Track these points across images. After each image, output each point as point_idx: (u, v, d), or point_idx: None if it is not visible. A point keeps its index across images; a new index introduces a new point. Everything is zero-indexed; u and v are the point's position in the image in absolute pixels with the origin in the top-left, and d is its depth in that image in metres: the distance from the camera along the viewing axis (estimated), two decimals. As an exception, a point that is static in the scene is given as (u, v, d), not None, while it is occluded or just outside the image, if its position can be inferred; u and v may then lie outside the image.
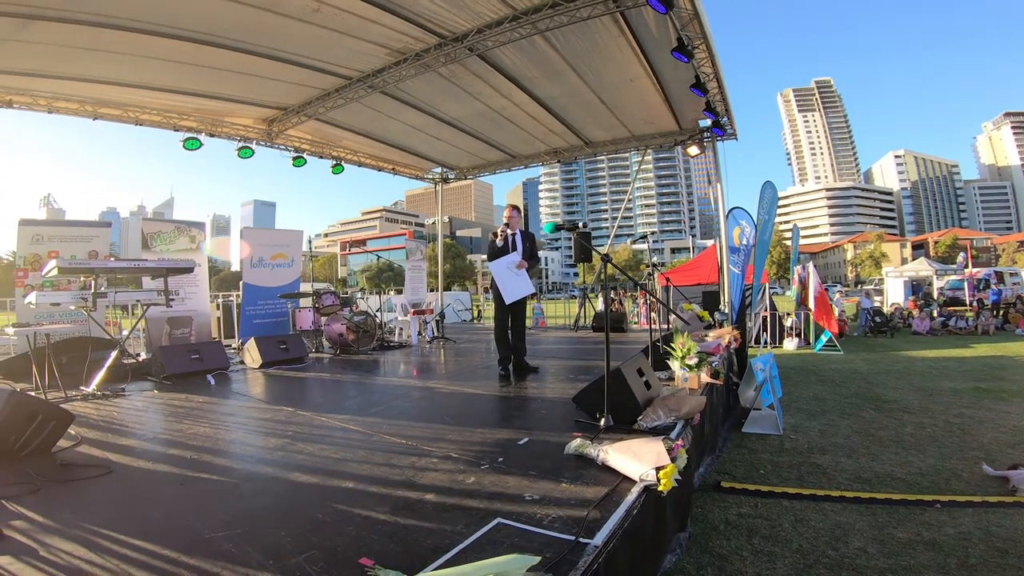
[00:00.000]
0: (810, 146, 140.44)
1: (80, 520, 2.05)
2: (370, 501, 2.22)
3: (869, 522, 3.19)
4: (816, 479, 3.95)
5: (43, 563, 1.71)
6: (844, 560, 2.74)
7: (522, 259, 5.29)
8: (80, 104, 7.36)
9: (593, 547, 1.73)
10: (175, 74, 6.83)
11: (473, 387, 5.07)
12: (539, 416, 3.86)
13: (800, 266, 14.12)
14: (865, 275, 62.71)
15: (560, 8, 5.71)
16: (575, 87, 7.82)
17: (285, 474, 2.61)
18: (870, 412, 6.01)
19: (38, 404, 2.90)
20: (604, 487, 2.22)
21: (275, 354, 6.51)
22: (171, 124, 8.24)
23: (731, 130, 8.44)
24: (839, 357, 10.47)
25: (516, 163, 11.68)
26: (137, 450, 3.10)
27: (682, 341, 4.03)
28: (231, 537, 1.90)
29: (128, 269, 4.82)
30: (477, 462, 2.69)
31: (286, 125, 8.95)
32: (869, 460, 4.36)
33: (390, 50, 6.76)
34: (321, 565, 1.68)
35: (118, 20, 5.43)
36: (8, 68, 6.21)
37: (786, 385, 7.11)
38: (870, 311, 14.87)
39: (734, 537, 2.99)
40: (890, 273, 23.16)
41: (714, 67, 6.52)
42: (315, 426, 3.67)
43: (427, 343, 9.06)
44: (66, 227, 7.01)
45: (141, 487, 2.51)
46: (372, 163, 11.29)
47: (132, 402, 4.48)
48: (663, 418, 2.98)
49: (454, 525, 1.95)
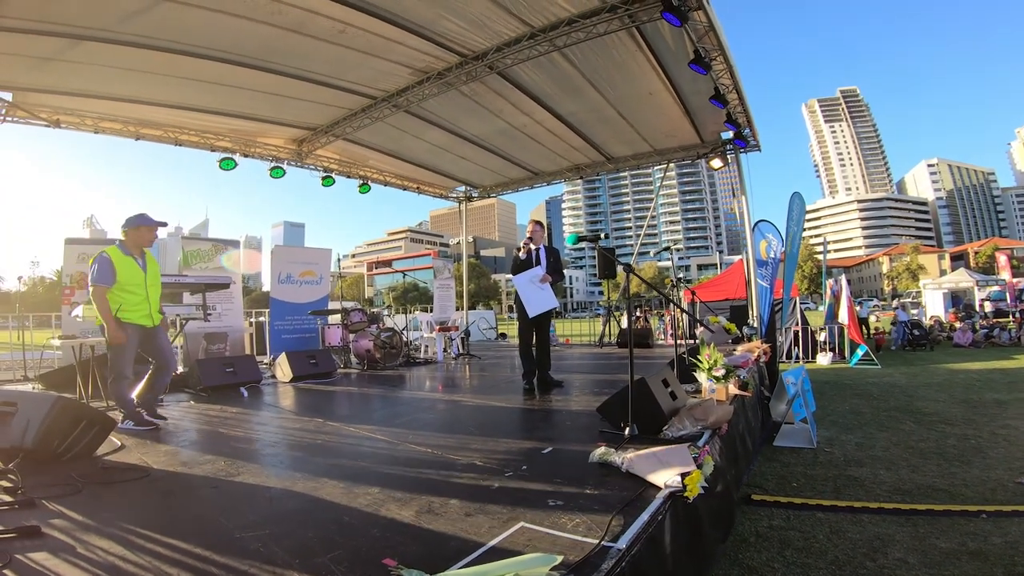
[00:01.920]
0: (839, 157, 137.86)
1: (117, 519, 2.12)
2: (394, 505, 2.24)
3: (910, 533, 3.06)
4: (853, 491, 3.81)
5: (79, 559, 1.77)
6: (883, 571, 2.65)
7: (545, 273, 5.32)
8: (124, 124, 7.75)
9: (616, 550, 1.71)
10: (210, 95, 7.17)
11: (498, 400, 5.08)
12: (563, 427, 3.85)
13: (832, 280, 13.79)
14: (902, 288, 60.69)
15: (576, 25, 5.82)
16: (594, 102, 7.90)
17: (313, 479, 2.66)
18: (910, 424, 5.79)
19: (82, 409, 3.04)
20: (628, 493, 2.20)
21: (305, 368, 6.65)
22: (208, 144, 8.61)
23: (754, 141, 8.38)
24: (876, 371, 10.12)
25: (538, 180, 11.79)
26: (174, 456, 3.21)
27: (709, 353, 3.98)
28: (259, 537, 1.94)
29: (168, 284, 5.04)
30: (501, 470, 2.70)
31: (315, 145, 9.26)
32: (909, 472, 4.19)
33: (413, 69, 6.97)
34: (346, 564, 1.70)
35: (158, 41, 5.74)
36: (56, 87, 6.58)
37: (820, 399, 6.89)
38: (907, 324, 14.38)
39: (765, 549, 2.90)
40: (928, 285, 22.41)
41: (733, 78, 6.53)
42: (343, 436, 3.74)
43: (452, 359, 9.12)
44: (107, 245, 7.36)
45: (176, 490, 2.59)
46: (397, 182, 11.55)
47: (170, 412, 4.63)
48: (689, 427, 2.94)
49: (477, 528, 1.95)
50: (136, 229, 4.08)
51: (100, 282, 3.81)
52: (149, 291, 4.08)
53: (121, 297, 3.92)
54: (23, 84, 6.42)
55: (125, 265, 3.94)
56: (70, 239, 6.95)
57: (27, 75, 6.16)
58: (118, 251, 3.98)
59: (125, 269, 3.93)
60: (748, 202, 8.74)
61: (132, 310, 3.96)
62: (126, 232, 4.08)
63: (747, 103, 7.28)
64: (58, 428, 2.81)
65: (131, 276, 3.97)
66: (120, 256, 3.95)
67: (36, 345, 8.54)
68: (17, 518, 2.11)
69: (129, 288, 3.95)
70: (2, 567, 1.67)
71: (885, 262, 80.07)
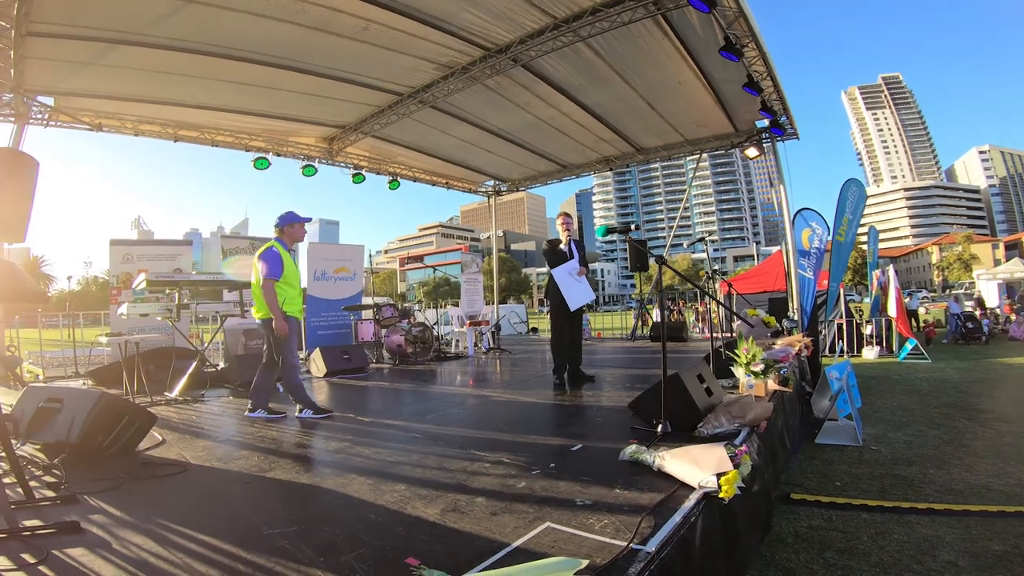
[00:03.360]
0: (883, 145, 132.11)
1: (153, 515, 2.17)
2: (420, 503, 2.23)
3: (961, 535, 2.90)
4: (900, 491, 3.62)
5: (114, 555, 1.82)
6: (930, 574, 2.52)
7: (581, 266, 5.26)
8: (162, 127, 8.00)
9: (645, 554, 1.64)
10: (242, 95, 7.34)
11: (528, 395, 5.05)
12: (594, 423, 3.78)
13: (879, 270, 13.17)
14: (953, 279, 57.73)
15: (600, 14, 5.70)
16: (622, 93, 7.74)
17: (341, 475, 2.68)
18: (963, 422, 5.48)
19: (125, 405, 3.16)
20: (660, 493, 2.12)
21: (339, 364, 6.76)
22: (242, 144, 8.83)
23: (791, 129, 8.06)
24: (927, 366, 9.62)
25: (567, 173, 11.66)
26: (211, 451, 3.29)
27: (747, 347, 3.83)
28: (287, 534, 1.95)
29: (206, 282, 5.22)
30: (529, 467, 2.66)
31: (345, 143, 9.39)
32: (962, 471, 3.96)
33: (437, 64, 6.97)
34: (369, 563, 1.69)
35: (187, 43, 5.90)
36: (96, 91, 6.86)
37: (866, 395, 6.60)
38: (960, 316, 13.63)
39: (803, 550, 2.78)
40: (982, 275, 21.18)
41: (766, 64, 6.29)
42: (373, 430, 3.78)
43: (483, 354, 9.13)
44: (152, 246, 7.71)
45: (211, 485, 2.65)
46: (426, 178, 11.62)
47: (210, 407, 4.80)
48: (726, 425, 2.83)
49: (502, 528, 1.92)
50: (291, 226, 4.28)
51: (272, 276, 4.01)
52: (297, 286, 4.30)
53: (284, 291, 4.13)
54: (64, 89, 6.69)
55: (288, 261, 4.16)
56: (115, 240, 7.26)
57: (67, 80, 6.43)
58: (280, 247, 4.17)
59: (288, 264, 4.15)
60: (786, 191, 8.41)
61: (292, 303, 4.19)
62: (282, 230, 4.27)
63: (783, 90, 7.01)
64: (102, 424, 2.92)
65: (292, 271, 4.21)
66: (285, 253, 4.16)
67: (86, 342, 8.97)
68: (59, 513, 2.18)
69: (291, 282, 4.17)
70: (38, 563, 1.72)
71: (935, 252, 76.28)
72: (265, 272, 4.01)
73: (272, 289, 4.01)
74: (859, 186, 9.31)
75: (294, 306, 4.20)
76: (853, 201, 9.18)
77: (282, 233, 4.27)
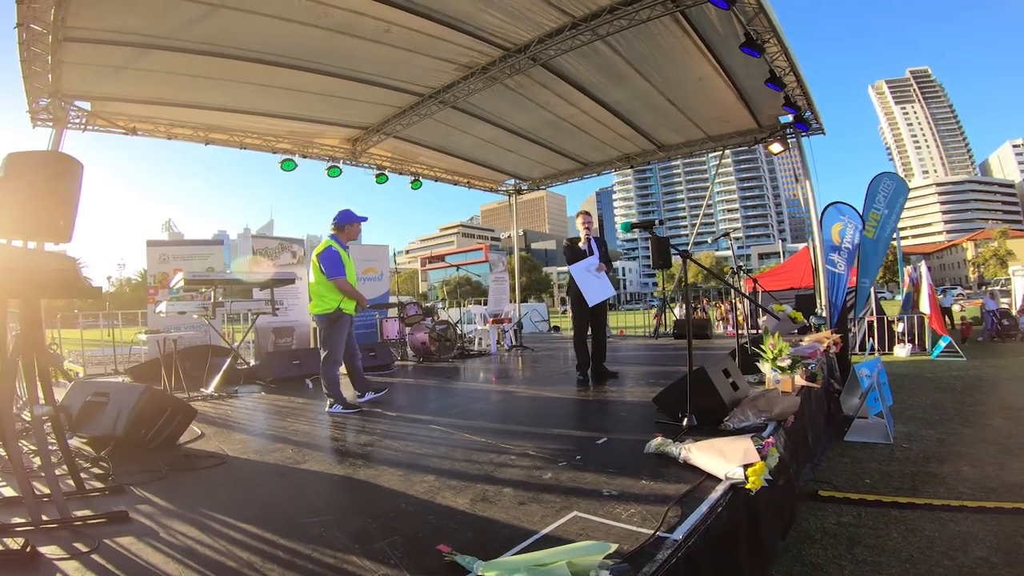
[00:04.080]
0: (913, 139, 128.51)
1: (196, 505, 2.27)
2: (450, 493, 2.29)
3: (994, 532, 2.85)
4: (932, 489, 3.56)
5: (162, 544, 1.91)
6: (962, 570, 2.49)
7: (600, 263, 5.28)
8: (194, 130, 8.23)
9: (672, 541, 1.68)
10: (269, 98, 7.50)
11: (551, 391, 5.09)
12: (618, 418, 3.81)
13: (911, 267, 12.83)
14: (989, 275, 55.80)
15: (618, 12, 5.69)
16: (642, 90, 7.70)
17: (372, 467, 2.76)
18: (998, 420, 5.32)
19: (167, 399, 3.30)
20: (686, 484, 2.15)
21: (365, 361, 6.85)
22: (270, 147, 9.03)
23: (817, 124, 7.91)
24: (961, 364, 9.35)
25: (588, 171, 11.63)
26: (247, 444, 3.41)
27: (773, 342, 3.81)
28: (322, 523, 2.03)
29: (240, 280, 5.43)
30: (554, 459, 2.70)
31: (368, 144, 9.54)
32: (996, 469, 3.87)
33: (457, 65, 7.04)
34: (402, 550, 1.76)
35: (216, 47, 6.06)
36: (131, 96, 7.06)
37: (898, 393, 6.45)
38: (996, 313, 13.19)
39: (831, 546, 2.76)
40: (1018, 272, 20.43)
41: (789, 59, 6.20)
42: (400, 425, 3.86)
43: (506, 351, 9.19)
44: (186, 246, 7.99)
45: (248, 476, 2.76)
46: (448, 177, 11.72)
47: (244, 402, 4.97)
48: (752, 419, 2.82)
49: (530, 517, 1.97)
50: (350, 225, 4.50)
51: (338, 274, 4.27)
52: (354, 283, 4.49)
53: None
54: (99, 94, 6.90)
55: (346, 259, 4.39)
56: (151, 241, 7.54)
57: (102, 85, 6.62)
58: (337, 245, 4.39)
59: (347, 262, 4.39)
60: (812, 187, 8.26)
61: (348, 301, 4.39)
62: (341, 228, 4.48)
63: (806, 85, 6.88)
64: (145, 417, 3.05)
65: (349, 268, 4.42)
66: (341, 250, 4.39)
67: (125, 341, 9.32)
68: (108, 504, 2.30)
69: (348, 279, 4.37)
70: (91, 551, 1.81)
71: (970, 248, 73.81)
72: (329, 272, 4.24)
73: (346, 282, 4.30)
74: (894, 180, 9.05)
75: (350, 303, 4.39)
76: (887, 195, 8.94)
77: (340, 231, 4.47)
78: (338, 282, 4.27)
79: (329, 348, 4.35)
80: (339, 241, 4.44)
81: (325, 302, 4.31)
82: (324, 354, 4.36)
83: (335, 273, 4.25)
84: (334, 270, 4.25)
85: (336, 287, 4.28)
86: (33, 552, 1.77)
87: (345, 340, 4.42)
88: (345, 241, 4.50)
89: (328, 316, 4.32)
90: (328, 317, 4.32)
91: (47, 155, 2.38)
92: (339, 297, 4.30)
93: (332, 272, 4.24)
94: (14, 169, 2.67)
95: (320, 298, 4.32)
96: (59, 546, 1.86)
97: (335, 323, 4.33)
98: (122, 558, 1.79)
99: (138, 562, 1.76)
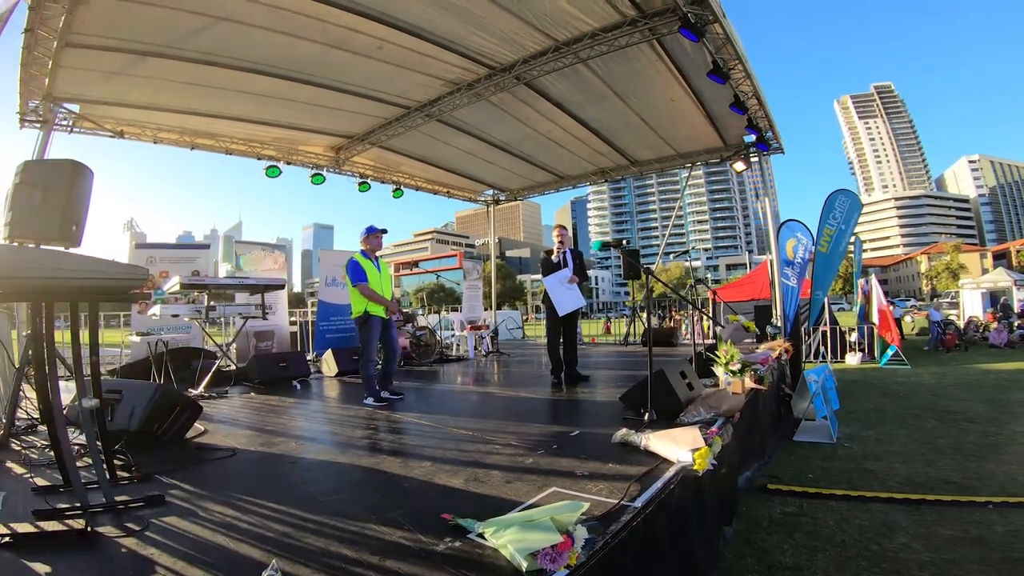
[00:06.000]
0: (874, 154, 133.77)
1: (223, 489, 2.54)
2: (445, 475, 2.64)
3: (916, 521, 3.24)
4: (867, 483, 3.98)
5: (202, 521, 2.17)
6: (886, 554, 2.82)
7: (572, 275, 5.67)
8: (180, 135, 8.31)
9: (633, 508, 2.06)
10: (259, 106, 7.66)
11: (528, 392, 5.47)
12: (589, 414, 4.22)
13: (864, 279, 13.68)
14: (942, 288, 58.51)
15: (599, 38, 6.11)
16: (618, 109, 8.15)
17: (373, 456, 3.10)
18: (932, 422, 5.88)
19: (179, 396, 3.53)
20: (645, 467, 2.54)
21: (348, 364, 7.12)
22: (255, 153, 9.15)
23: (776, 144, 8.50)
24: (905, 371, 10.10)
25: (564, 183, 12.07)
26: (252, 438, 3.66)
27: (726, 348, 4.26)
28: (339, 499, 2.36)
29: (234, 285, 5.70)
30: (535, 448, 3.08)
31: (352, 152, 9.75)
32: (924, 466, 4.33)
33: (445, 81, 7.37)
34: (411, 518, 2.09)
35: (215, 57, 6.23)
36: (121, 100, 7.12)
37: (846, 398, 6.98)
38: (940, 324, 14.16)
39: (776, 533, 3.13)
40: (967, 285, 21.78)
41: (752, 85, 6.71)
42: (392, 421, 4.19)
43: (483, 356, 9.54)
44: (174, 250, 8.08)
45: (262, 465, 3.04)
46: (428, 187, 11.99)
47: (236, 402, 5.18)
48: (703, 414, 3.25)
49: (516, 492, 2.34)
50: (372, 236, 5.09)
51: (362, 280, 4.80)
52: (383, 289, 4.96)
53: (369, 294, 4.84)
54: (90, 97, 6.93)
55: (368, 268, 4.90)
56: (140, 244, 7.60)
57: (95, 88, 6.68)
58: (361, 256, 4.98)
59: (370, 270, 4.88)
60: (771, 203, 8.87)
61: (375, 305, 4.86)
62: (365, 240, 5.08)
63: (768, 108, 7.44)
64: (158, 413, 3.28)
65: (374, 276, 4.91)
66: (363, 260, 4.93)
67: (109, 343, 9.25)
68: (141, 490, 2.52)
69: (372, 286, 4.86)
70: (143, 530, 2.06)
71: (924, 261, 77.32)
72: (352, 280, 4.83)
73: (368, 288, 4.81)
74: (849, 196, 9.66)
75: (376, 307, 4.87)
76: (842, 212, 9.56)
77: (364, 243, 5.07)
78: (361, 287, 4.79)
79: (362, 347, 4.94)
80: (364, 252, 5.01)
81: (355, 307, 4.89)
82: (360, 353, 4.96)
83: (357, 279, 4.79)
84: (356, 277, 4.80)
85: (360, 292, 4.80)
86: (94, 532, 2.00)
87: (376, 340, 4.92)
88: (370, 252, 5.05)
89: (358, 319, 4.87)
90: (358, 320, 4.88)
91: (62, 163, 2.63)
92: (366, 302, 4.81)
93: (354, 279, 4.81)
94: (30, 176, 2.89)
95: (353, 304, 4.90)
96: (113, 526, 2.09)
97: (364, 325, 4.85)
98: (172, 534, 2.04)
99: (188, 536, 2.01)
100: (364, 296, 4.81)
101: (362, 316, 4.84)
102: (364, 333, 4.88)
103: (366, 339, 4.87)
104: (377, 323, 4.88)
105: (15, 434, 3.62)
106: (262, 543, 1.92)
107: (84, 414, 2.17)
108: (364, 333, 4.88)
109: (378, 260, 5.12)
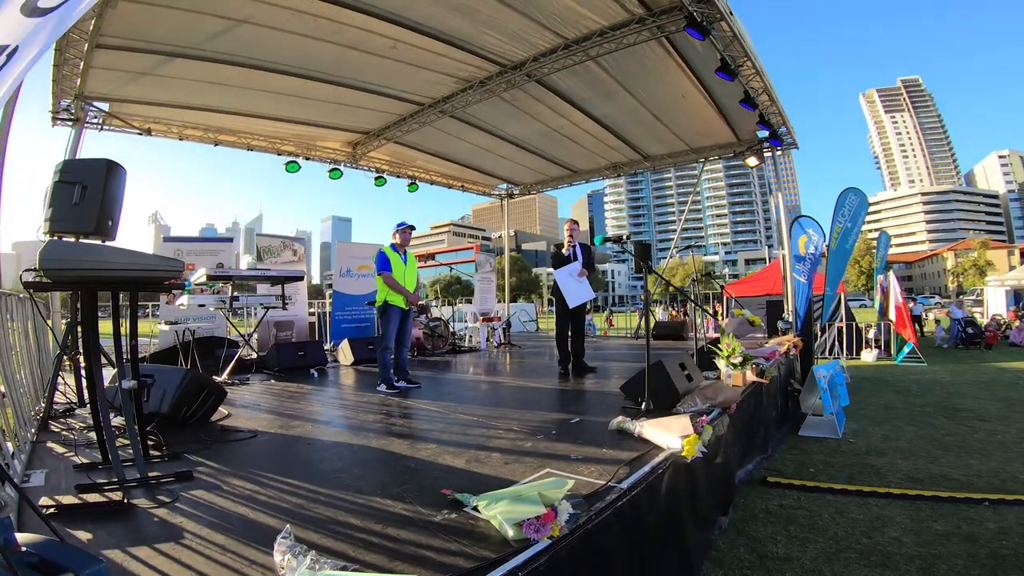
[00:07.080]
0: (900, 149, 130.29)
1: (245, 466, 2.76)
2: (448, 456, 2.82)
3: (910, 516, 3.29)
4: (867, 478, 4.02)
5: (226, 494, 2.38)
6: (876, 547, 2.88)
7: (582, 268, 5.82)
8: (204, 132, 8.62)
9: (619, 489, 2.21)
10: (280, 104, 7.93)
11: (535, 382, 5.64)
12: (591, 404, 4.37)
13: (882, 275, 13.50)
14: (968, 285, 57.09)
15: (607, 36, 6.19)
16: (629, 105, 8.21)
17: (382, 438, 3.30)
18: (941, 420, 5.88)
19: (206, 381, 3.77)
20: (637, 452, 2.69)
21: (364, 354, 7.39)
22: (275, 149, 9.44)
23: (790, 139, 8.49)
24: (920, 368, 10.01)
25: (577, 178, 12.16)
26: (271, 422, 3.89)
27: (727, 341, 4.36)
28: (350, 476, 2.56)
29: (257, 277, 5.98)
30: (534, 433, 3.25)
31: (368, 148, 9.99)
32: (927, 463, 4.36)
33: (457, 79, 7.52)
34: (415, 493, 2.28)
35: (237, 57, 6.49)
36: (148, 99, 7.44)
37: (857, 394, 6.98)
38: (961, 322, 13.92)
39: (771, 524, 3.21)
40: (991, 282, 21.27)
41: (763, 81, 6.72)
42: (402, 407, 4.41)
43: (495, 348, 9.73)
44: (199, 243, 8.41)
45: (280, 446, 3.26)
46: (443, 181, 12.19)
47: (257, 388, 5.46)
48: (699, 405, 3.37)
49: (513, 472, 2.51)
50: (401, 232, 5.39)
51: (386, 270, 5.13)
52: (407, 281, 5.26)
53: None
54: (120, 96, 7.25)
55: (395, 259, 5.21)
56: (168, 237, 7.93)
57: (124, 88, 6.99)
58: (390, 249, 5.28)
59: (395, 262, 5.19)
60: (784, 198, 8.85)
61: (395, 295, 5.16)
62: (395, 234, 5.39)
63: (780, 104, 7.42)
64: (187, 397, 3.52)
65: (398, 268, 5.20)
66: (391, 252, 5.24)
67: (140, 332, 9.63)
68: (171, 467, 2.75)
69: (396, 277, 5.16)
70: (173, 501, 2.28)
71: (950, 257, 75.31)
72: (378, 268, 5.17)
73: (391, 277, 5.11)
74: (857, 195, 9.60)
75: (399, 297, 5.17)
76: (851, 210, 9.51)
77: (395, 236, 5.37)
78: (384, 276, 5.12)
79: (381, 335, 5.28)
80: (393, 246, 5.32)
81: (378, 296, 5.22)
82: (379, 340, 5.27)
83: (381, 268, 5.13)
84: (381, 267, 5.14)
85: (383, 281, 5.12)
86: (130, 503, 2.24)
87: (395, 329, 5.18)
88: (400, 246, 5.35)
89: (379, 308, 5.21)
90: (379, 309, 5.22)
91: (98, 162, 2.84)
92: (386, 291, 5.13)
93: (379, 268, 5.15)
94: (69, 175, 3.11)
95: (378, 292, 5.23)
96: (147, 499, 2.32)
97: (383, 314, 5.18)
98: (199, 504, 2.26)
99: (212, 507, 2.23)
100: (386, 284, 5.11)
101: (382, 305, 5.16)
102: (383, 322, 5.18)
103: (385, 327, 5.16)
104: (396, 312, 5.16)
105: (54, 416, 3.90)
106: (278, 513, 2.12)
107: (124, 395, 2.38)
108: (383, 322, 5.18)
109: (406, 254, 5.39)
